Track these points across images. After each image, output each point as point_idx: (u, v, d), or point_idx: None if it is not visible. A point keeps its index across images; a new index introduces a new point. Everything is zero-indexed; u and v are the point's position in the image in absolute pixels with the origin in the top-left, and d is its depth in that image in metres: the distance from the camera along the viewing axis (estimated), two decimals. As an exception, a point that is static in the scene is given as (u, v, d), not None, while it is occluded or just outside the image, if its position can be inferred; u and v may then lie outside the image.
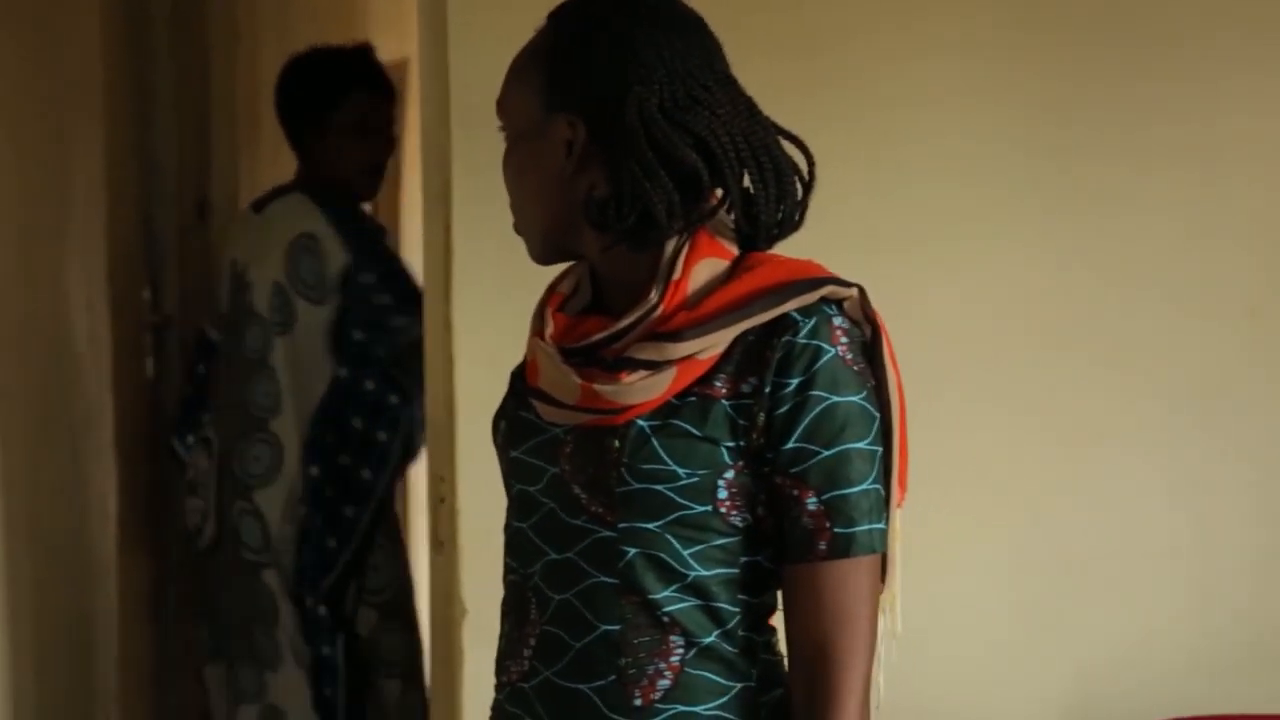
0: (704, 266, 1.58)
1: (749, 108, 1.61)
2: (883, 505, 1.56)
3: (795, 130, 1.64)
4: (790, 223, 1.62)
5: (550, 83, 1.60)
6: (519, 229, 1.68)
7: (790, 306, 1.54)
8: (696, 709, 1.57)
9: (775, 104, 1.67)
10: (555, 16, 1.64)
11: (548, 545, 1.63)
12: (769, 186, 1.59)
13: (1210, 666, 2.70)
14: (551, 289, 1.70)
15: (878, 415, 1.56)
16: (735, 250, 1.61)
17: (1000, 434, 2.77)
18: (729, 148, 1.56)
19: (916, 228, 2.73)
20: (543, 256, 1.67)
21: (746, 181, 1.59)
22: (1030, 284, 2.78)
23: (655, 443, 1.54)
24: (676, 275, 1.57)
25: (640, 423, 1.55)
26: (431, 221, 2.67)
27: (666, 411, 1.55)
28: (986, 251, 2.77)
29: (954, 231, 2.76)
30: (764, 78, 1.74)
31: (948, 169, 2.75)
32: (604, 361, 1.58)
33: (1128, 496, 2.78)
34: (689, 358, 1.54)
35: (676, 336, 1.54)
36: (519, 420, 1.69)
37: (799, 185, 1.61)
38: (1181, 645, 2.72)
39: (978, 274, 2.77)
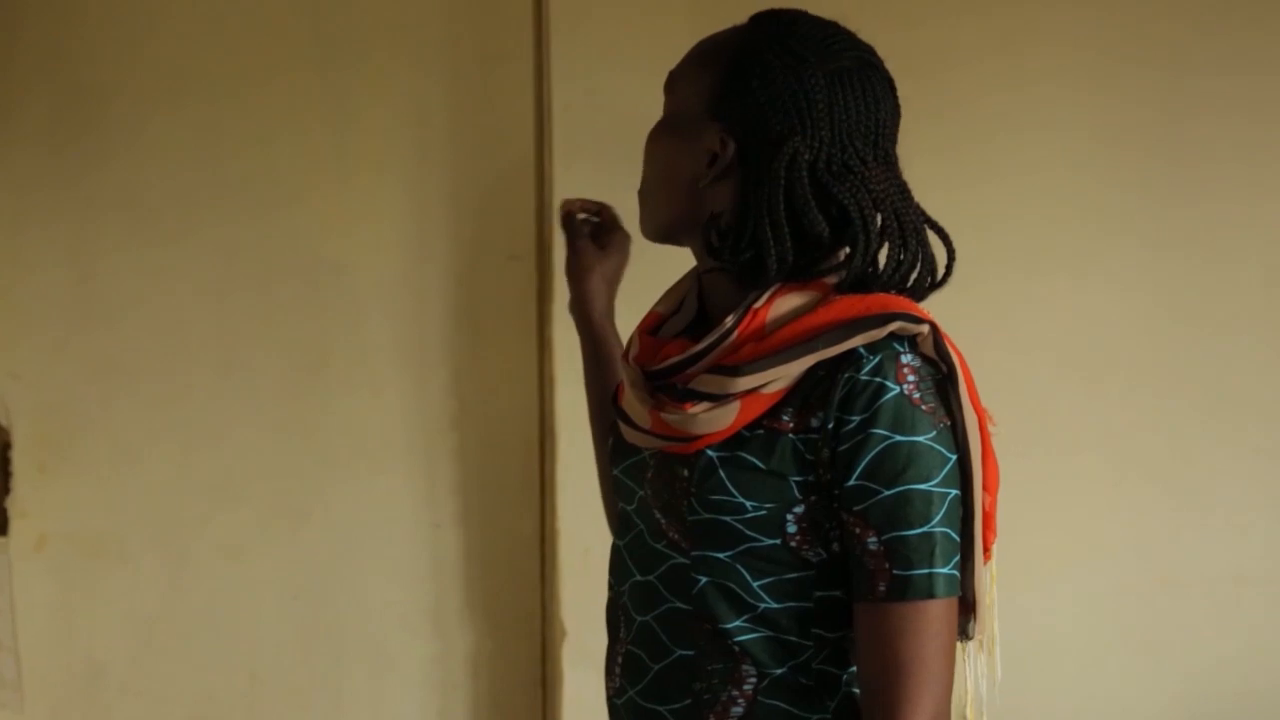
0: (790, 297, 1.50)
1: (902, 190, 1.53)
2: (952, 549, 1.45)
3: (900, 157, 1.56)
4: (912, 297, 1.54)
5: (722, 90, 1.52)
6: (641, 198, 1.61)
7: (857, 342, 1.46)
8: None
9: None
10: (757, 22, 1.56)
11: (635, 566, 1.59)
12: (904, 267, 1.52)
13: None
14: (652, 310, 1.65)
15: (953, 457, 1.46)
16: (830, 288, 1.52)
17: (1099, 462, 2.71)
18: (870, 219, 1.49)
19: (1009, 259, 2.67)
20: (652, 237, 1.61)
21: (882, 257, 1.51)
22: (1117, 319, 2.72)
23: (722, 474, 1.48)
24: (759, 304, 1.50)
25: (710, 453, 1.49)
26: (532, 239, 2.61)
27: (735, 443, 1.48)
28: (1079, 285, 2.71)
29: (1045, 265, 2.70)
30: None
31: (1042, 200, 2.68)
32: (674, 389, 1.53)
33: (1229, 520, 2.72)
34: (752, 391, 1.47)
35: (735, 371, 1.47)
36: (618, 438, 1.65)
37: (932, 275, 1.54)
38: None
39: (1070, 306, 2.71)
